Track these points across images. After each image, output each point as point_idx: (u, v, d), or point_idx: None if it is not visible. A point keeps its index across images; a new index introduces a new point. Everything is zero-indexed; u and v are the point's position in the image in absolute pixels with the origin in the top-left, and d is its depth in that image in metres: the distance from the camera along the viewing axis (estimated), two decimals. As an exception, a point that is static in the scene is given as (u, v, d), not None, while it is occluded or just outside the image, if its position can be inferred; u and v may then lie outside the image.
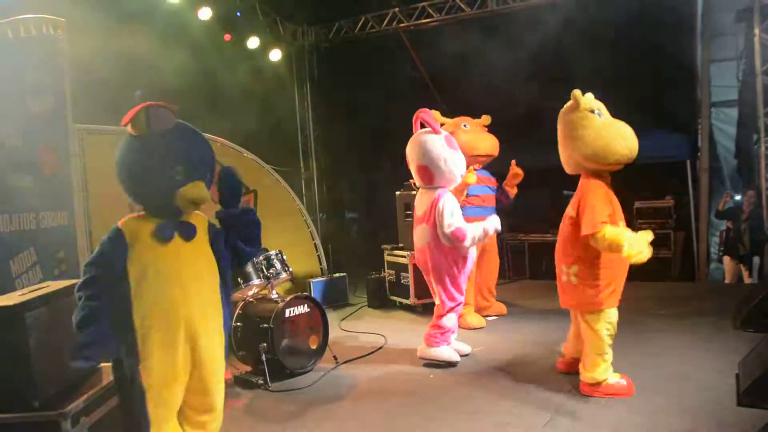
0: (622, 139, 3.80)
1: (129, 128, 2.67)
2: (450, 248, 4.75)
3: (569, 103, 3.99)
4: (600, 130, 3.83)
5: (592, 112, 3.89)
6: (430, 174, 4.84)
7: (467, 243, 4.69)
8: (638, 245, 3.48)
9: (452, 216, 4.69)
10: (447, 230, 4.66)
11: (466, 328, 5.91)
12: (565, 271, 3.99)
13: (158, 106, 2.69)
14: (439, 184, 4.86)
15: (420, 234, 4.88)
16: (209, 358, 2.79)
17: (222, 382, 2.90)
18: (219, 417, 2.93)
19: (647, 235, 3.54)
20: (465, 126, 6.12)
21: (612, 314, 3.91)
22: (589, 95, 4.02)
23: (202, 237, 2.87)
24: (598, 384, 3.90)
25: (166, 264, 2.69)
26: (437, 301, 4.92)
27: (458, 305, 4.88)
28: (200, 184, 2.75)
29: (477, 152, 6.01)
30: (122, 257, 2.62)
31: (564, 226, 4.04)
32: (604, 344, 3.90)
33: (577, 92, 3.91)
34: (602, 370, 3.89)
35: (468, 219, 5.54)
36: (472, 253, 4.95)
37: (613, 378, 3.92)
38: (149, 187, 2.70)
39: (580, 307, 3.97)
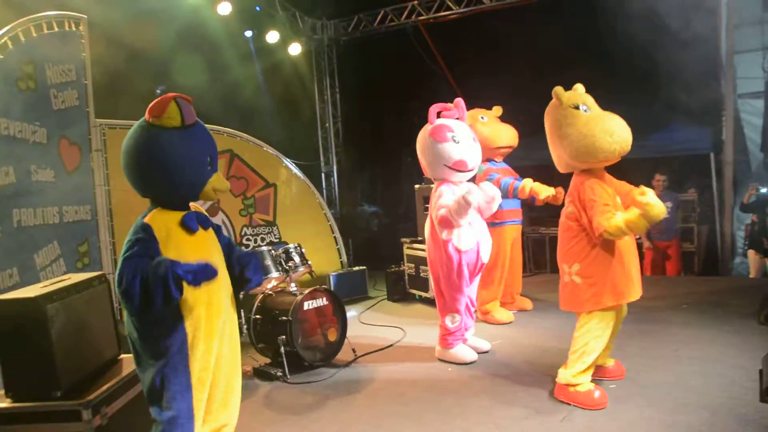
0: (608, 135, 3.51)
1: (160, 121, 2.57)
2: (444, 243, 4.61)
3: (553, 100, 3.79)
4: (584, 127, 3.56)
5: (577, 107, 3.66)
6: (423, 166, 4.87)
7: (455, 222, 4.43)
8: (654, 210, 3.31)
9: (440, 207, 4.51)
10: (435, 221, 4.58)
11: (493, 323, 5.90)
12: (566, 270, 3.78)
13: (183, 98, 2.66)
14: (434, 177, 4.83)
15: (426, 227, 4.86)
16: (232, 349, 2.78)
17: (239, 377, 2.85)
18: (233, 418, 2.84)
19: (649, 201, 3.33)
20: (483, 118, 6.00)
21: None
22: (577, 88, 3.83)
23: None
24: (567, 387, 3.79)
25: (199, 253, 2.63)
26: (437, 302, 4.89)
27: (454, 306, 4.74)
28: (221, 174, 2.77)
29: (499, 144, 5.93)
30: (156, 253, 2.49)
31: (563, 223, 3.83)
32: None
33: (558, 89, 3.70)
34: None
35: (498, 211, 5.50)
36: (483, 252, 4.71)
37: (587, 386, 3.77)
38: (184, 179, 2.63)
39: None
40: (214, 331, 2.64)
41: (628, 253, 3.72)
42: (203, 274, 2.34)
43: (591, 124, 3.57)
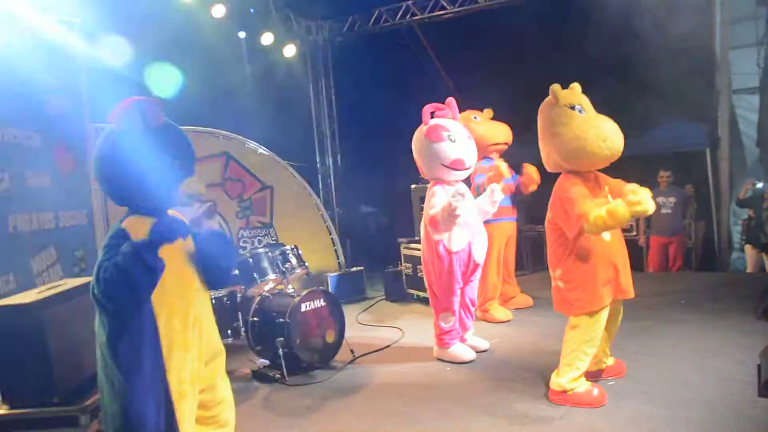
0: (601, 141, 3.49)
1: (122, 125, 2.52)
2: (435, 243, 4.64)
3: (549, 97, 3.75)
4: (577, 129, 3.53)
5: (572, 108, 3.61)
6: (420, 167, 4.88)
7: (440, 227, 4.45)
8: (638, 208, 3.24)
9: (433, 207, 4.53)
10: (426, 221, 4.62)
11: (492, 322, 5.91)
12: (552, 275, 3.78)
13: (147, 101, 2.58)
14: (431, 177, 4.84)
15: (422, 227, 4.87)
16: (215, 351, 2.72)
17: (225, 377, 2.81)
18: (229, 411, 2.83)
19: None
20: (476, 118, 6.11)
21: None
22: (574, 87, 3.80)
23: None
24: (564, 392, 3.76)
25: (176, 263, 2.55)
26: (431, 302, 4.91)
27: (447, 306, 4.75)
28: (195, 178, 2.66)
29: (495, 141, 6.04)
30: None
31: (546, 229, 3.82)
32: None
33: (555, 87, 3.68)
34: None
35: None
36: (476, 253, 4.73)
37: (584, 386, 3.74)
38: (148, 184, 2.51)
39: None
40: (191, 342, 2.55)
41: (615, 254, 3.68)
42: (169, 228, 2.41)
43: (585, 126, 3.54)
